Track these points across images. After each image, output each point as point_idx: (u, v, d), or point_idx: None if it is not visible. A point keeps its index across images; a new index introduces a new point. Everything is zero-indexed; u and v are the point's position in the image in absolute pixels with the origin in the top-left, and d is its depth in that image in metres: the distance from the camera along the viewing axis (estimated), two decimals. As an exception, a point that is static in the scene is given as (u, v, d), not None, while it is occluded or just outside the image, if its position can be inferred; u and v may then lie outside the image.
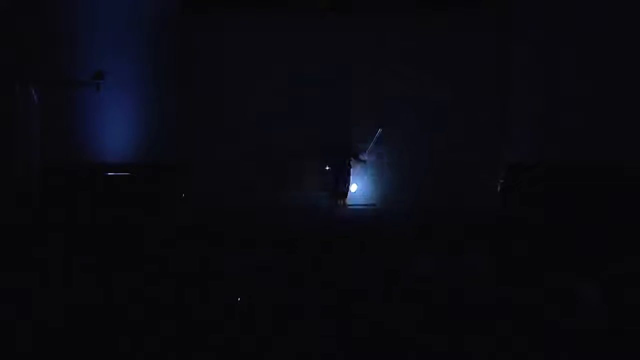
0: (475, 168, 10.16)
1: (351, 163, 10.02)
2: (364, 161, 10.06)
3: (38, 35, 8.19)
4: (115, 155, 8.95)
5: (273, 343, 5.50)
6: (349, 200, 10.06)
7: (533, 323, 5.74)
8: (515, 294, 6.37)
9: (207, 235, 8.19)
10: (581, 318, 5.84)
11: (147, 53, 9.64)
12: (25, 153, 7.92)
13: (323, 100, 10.35)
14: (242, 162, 10.32)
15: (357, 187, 10.11)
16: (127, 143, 9.20)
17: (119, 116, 9.12)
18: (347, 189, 10.02)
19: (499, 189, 9.71)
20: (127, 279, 6.70)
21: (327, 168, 10.04)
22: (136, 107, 9.45)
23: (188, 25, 10.30)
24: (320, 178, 10.26)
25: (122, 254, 7.35)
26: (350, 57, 10.37)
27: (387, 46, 10.41)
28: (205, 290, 6.49)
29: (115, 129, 9.07)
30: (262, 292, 6.49)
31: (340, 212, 9.77)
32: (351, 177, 10.07)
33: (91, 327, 5.69)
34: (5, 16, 7.81)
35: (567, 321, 5.81)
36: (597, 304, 5.93)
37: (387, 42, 10.40)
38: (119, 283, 6.55)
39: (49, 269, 6.68)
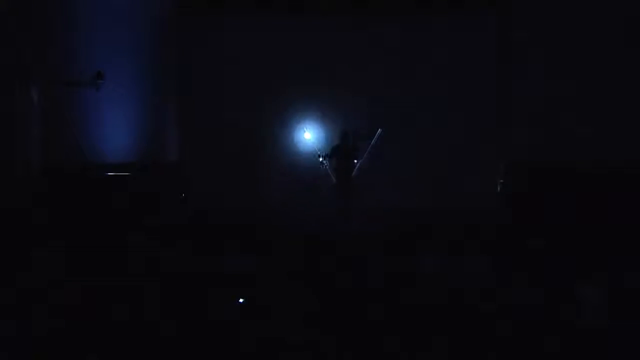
0: (475, 168, 10.17)
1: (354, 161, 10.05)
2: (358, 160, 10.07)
3: (38, 35, 8.18)
4: (115, 155, 8.94)
5: (272, 343, 5.50)
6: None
7: (534, 323, 5.74)
8: (516, 294, 6.38)
9: (207, 235, 8.19)
10: (581, 318, 5.84)
11: (147, 53, 9.64)
12: (25, 153, 7.91)
13: (323, 100, 10.37)
14: (242, 161, 10.33)
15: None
16: (127, 143, 9.19)
17: (119, 116, 9.12)
18: (350, 189, 10.03)
19: (499, 189, 9.72)
20: (126, 279, 6.70)
21: (320, 158, 9.96)
22: (136, 107, 9.45)
23: (188, 25, 10.32)
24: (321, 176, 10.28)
25: (122, 254, 7.35)
26: (350, 56, 10.39)
27: (387, 46, 10.42)
28: (205, 290, 6.49)
29: (115, 129, 9.07)
30: (262, 292, 6.49)
31: (341, 212, 9.77)
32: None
33: (90, 327, 5.69)
34: (5, 16, 7.80)
35: (567, 321, 5.81)
36: (597, 304, 5.93)
37: (387, 42, 10.42)
38: (119, 283, 6.55)
39: (49, 269, 6.68)
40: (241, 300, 6.29)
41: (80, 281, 6.48)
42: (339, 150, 10.03)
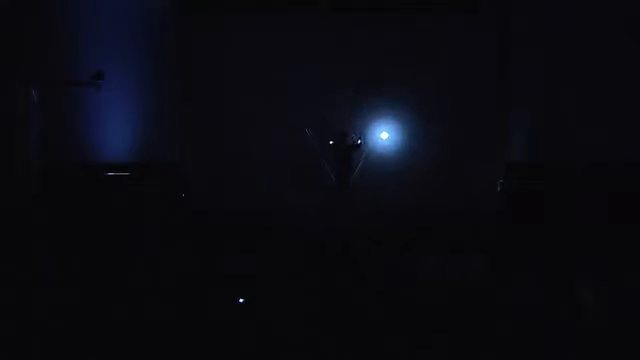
0: (475, 168, 10.16)
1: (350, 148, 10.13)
2: (359, 145, 10.13)
3: (38, 35, 8.17)
4: (115, 155, 8.94)
5: (272, 343, 5.50)
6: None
7: (533, 323, 5.74)
8: (516, 294, 6.38)
9: (207, 235, 8.19)
10: (581, 318, 5.84)
11: (146, 53, 9.64)
12: (25, 153, 7.91)
13: (323, 100, 10.36)
14: (242, 161, 10.32)
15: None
16: (127, 143, 9.19)
17: (119, 116, 9.11)
18: (349, 179, 10.09)
19: (499, 189, 9.71)
20: (126, 279, 6.70)
21: (331, 142, 10.10)
22: (136, 107, 9.45)
23: (187, 25, 10.31)
24: (320, 177, 10.30)
25: (122, 254, 7.35)
26: (350, 57, 10.38)
27: (386, 46, 10.41)
28: (204, 290, 6.49)
29: (115, 129, 9.06)
30: (262, 293, 6.49)
31: (340, 210, 9.77)
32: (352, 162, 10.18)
33: (90, 327, 5.69)
34: (5, 16, 7.80)
35: (567, 321, 5.81)
36: (597, 304, 5.93)
37: (386, 42, 10.41)
38: (119, 283, 6.55)
39: (49, 269, 6.68)
40: (241, 300, 6.29)
41: (81, 281, 6.48)
42: (339, 152, 10.06)
